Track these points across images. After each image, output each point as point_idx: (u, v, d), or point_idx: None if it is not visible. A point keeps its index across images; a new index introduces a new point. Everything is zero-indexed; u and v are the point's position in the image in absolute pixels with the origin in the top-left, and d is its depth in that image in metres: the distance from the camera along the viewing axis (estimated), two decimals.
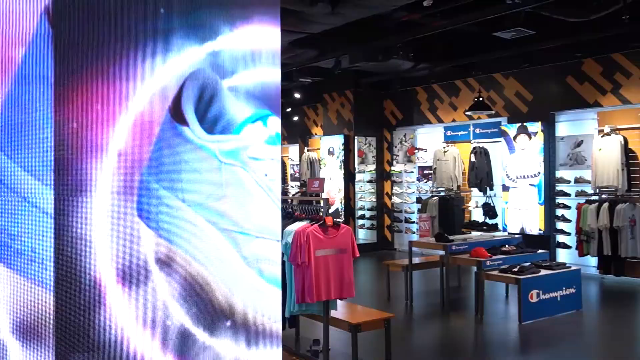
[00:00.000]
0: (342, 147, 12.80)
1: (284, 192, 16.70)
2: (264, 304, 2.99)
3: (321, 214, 4.95)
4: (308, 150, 15.11)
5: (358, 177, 12.99)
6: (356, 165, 12.91)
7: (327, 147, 13.23)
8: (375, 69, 11.33)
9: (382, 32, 8.88)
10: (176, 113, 2.67)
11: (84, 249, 2.48)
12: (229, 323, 2.86)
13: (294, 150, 17.37)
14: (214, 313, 2.83)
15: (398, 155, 12.88)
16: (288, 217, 5.21)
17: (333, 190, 13.02)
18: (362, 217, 13.06)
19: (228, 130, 2.84)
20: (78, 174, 2.46)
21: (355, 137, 12.83)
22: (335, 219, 4.88)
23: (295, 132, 16.91)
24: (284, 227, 4.95)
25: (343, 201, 12.79)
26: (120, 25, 2.56)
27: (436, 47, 10.16)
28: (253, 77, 2.94)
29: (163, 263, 2.65)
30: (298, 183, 16.19)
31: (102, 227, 2.51)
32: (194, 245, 2.72)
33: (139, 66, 2.60)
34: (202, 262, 2.74)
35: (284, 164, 17.78)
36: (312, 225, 4.80)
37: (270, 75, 3.01)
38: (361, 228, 13.11)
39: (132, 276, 2.57)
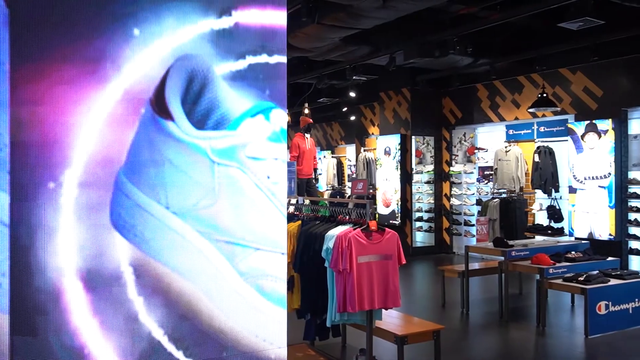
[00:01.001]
0: (399, 147, 12.42)
1: (341, 193, 16.45)
2: (266, 327, 2.57)
3: (365, 217, 4.65)
4: (365, 151, 14.79)
5: (415, 177, 12.57)
6: (413, 166, 12.50)
7: (384, 147, 12.87)
8: (433, 66, 10.90)
9: (437, 26, 8.48)
10: (159, 105, 2.32)
11: (45, 264, 2.15)
12: (224, 354, 2.49)
13: (351, 150, 17.10)
14: (205, 338, 2.46)
15: (457, 155, 12.38)
16: (330, 220, 4.94)
17: (389, 192, 12.67)
18: (420, 219, 12.64)
19: (222, 126, 2.47)
20: (38, 176, 2.14)
21: (413, 137, 12.42)
22: (379, 225, 4.58)
23: (351, 132, 16.63)
24: (325, 231, 4.70)
25: (399, 203, 12.41)
26: (89, 1, 2.24)
27: (496, 40, 9.65)
28: (253, 64, 2.56)
29: (142, 280, 2.29)
30: None
31: (67, 239, 2.17)
32: (180, 259, 2.36)
33: (113, 50, 2.27)
34: (191, 278, 2.37)
35: (341, 165, 17.54)
36: (354, 229, 4.52)
37: (275, 62, 2.63)
38: (418, 230, 12.68)
39: (104, 297, 2.23)
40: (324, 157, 18.33)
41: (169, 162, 2.38)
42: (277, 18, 2.71)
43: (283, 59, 2.67)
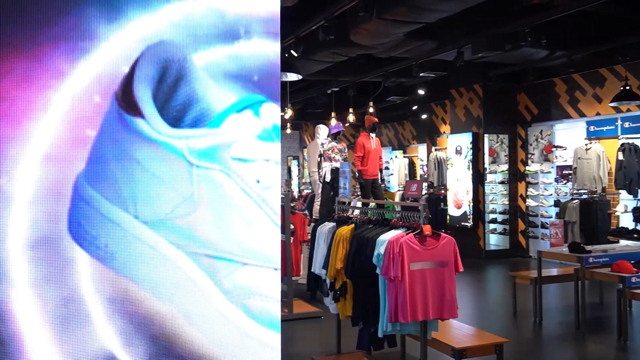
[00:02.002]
0: (471, 146, 11.90)
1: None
2: (256, 354, 2.21)
3: (419, 221, 4.35)
4: (436, 150, 14.33)
5: (489, 177, 12.01)
6: (487, 165, 11.95)
7: (454, 146, 12.39)
8: (505, 60, 10.33)
9: (507, 17, 7.99)
10: (126, 100, 2.05)
11: None
12: None
13: (423, 149, 16.66)
14: None
15: (533, 154, 11.72)
16: (384, 224, 4.67)
17: (461, 192, 12.17)
18: (494, 221, 12.06)
19: (202, 123, 2.16)
20: None
21: (485, 135, 11.87)
22: (434, 231, 4.27)
23: (423, 131, 16.19)
24: (377, 235, 4.44)
25: (471, 204, 11.89)
26: None
27: (573, 31, 9.01)
28: (240, 52, 2.21)
29: (107, 300, 2.01)
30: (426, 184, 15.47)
31: (19, 253, 1.91)
32: (152, 276, 2.06)
33: (72, 37, 2.01)
34: (165, 297, 2.07)
35: (413, 165, 17.13)
36: (407, 234, 4.24)
37: (266, 48, 2.26)
38: (492, 233, 12.11)
39: (63, 320, 1.96)
40: (396, 157, 17.98)
41: (138, 165, 2.12)
42: None
43: (276, 45, 2.31)
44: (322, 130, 10.49)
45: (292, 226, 6.96)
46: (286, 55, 7.34)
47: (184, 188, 2.18)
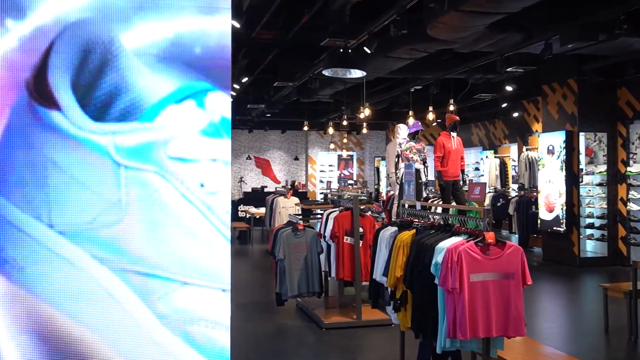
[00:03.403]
0: (564, 145, 11.08)
1: (504, 196, 15.25)
2: None
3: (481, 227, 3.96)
4: (527, 150, 13.53)
5: (585, 179, 11.14)
6: (582, 166, 11.09)
7: (546, 146, 11.59)
8: (601, 52, 9.49)
9: (599, 4, 7.29)
10: (39, 89, 1.77)
11: None
12: None
13: (515, 149, 15.83)
14: None
15: (636, 154, 10.72)
16: (446, 229, 4.31)
17: (553, 195, 11.37)
18: (590, 226, 11.17)
19: (132, 116, 1.84)
20: None
21: (581, 133, 11.01)
22: (499, 239, 3.86)
23: (514, 130, 15.37)
24: (437, 242, 4.08)
25: (564, 207, 11.07)
26: None
27: None
28: (181, 30, 1.86)
29: (15, 322, 1.70)
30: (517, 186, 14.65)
31: None
32: (70, 296, 1.76)
33: None
34: (86, 322, 1.76)
35: (504, 165, 16.31)
36: (468, 241, 3.86)
37: (213, 25, 1.90)
38: (588, 239, 11.22)
39: None
40: (486, 157, 17.22)
41: (54, 165, 1.83)
42: None
43: (225, 20, 1.95)
44: (402, 130, 10.14)
45: (361, 230, 6.69)
46: (341, 50, 7.07)
47: (109, 193, 1.88)
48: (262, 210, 14.19)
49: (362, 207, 6.88)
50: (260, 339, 6.38)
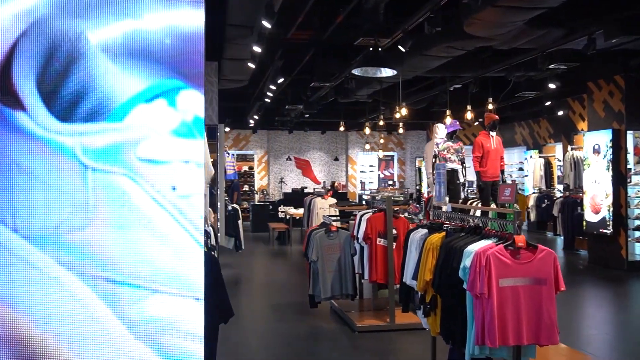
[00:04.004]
0: (610, 144, 10.67)
1: (549, 197, 14.83)
2: None
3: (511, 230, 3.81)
4: (572, 149, 13.11)
5: (634, 179, 10.70)
6: (630, 166, 10.65)
7: (592, 145, 11.19)
8: None
9: None
10: (3, 90, 1.71)
11: None
12: None
13: (560, 149, 15.39)
14: None
15: None
16: (476, 232, 4.17)
17: (599, 196, 10.97)
18: (639, 228, 10.72)
19: (100, 116, 1.75)
20: None
21: (629, 132, 10.58)
22: (530, 242, 3.70)
23: (559, 129, 14.94)
24: (466, 245, 3.95)
25: (611, 209, 10.66)
26: None
27: None
28: (151, 26, 1.77)
29: None
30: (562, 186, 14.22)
31: None
32: (35, 303, 1.69)
33: None
34: (52, 330, 1.68)
35: (549, 165, 15.87)
36: (497, 245, 3.72)
37: (185, 19, 1.81)
38: (637, 242, 10.76)
39: None
40: (530, 157, 16.82)
41: (18, 167, 1.75)
42: None
43: (198, 14, 1.85)
44: (440, 130, 9.96)
45: (394, 231, 6.57)
46: (371, 49, 6.95)
47: (76, 196, 1.79)
48: (301, 211, 14.16)
49: (395, 209, 6.75)
50: (293, 340, 6.33)
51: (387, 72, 7.22)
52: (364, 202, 8.82)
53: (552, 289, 3.68)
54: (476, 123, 15.88)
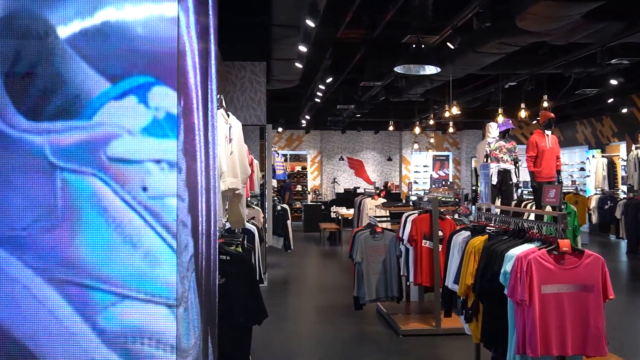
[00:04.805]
0: None
1: (612, 198, 14.18)
2: None
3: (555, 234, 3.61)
4: (636, 148, 12.49)
5: None
6: None
7: None
8: None
9: None
10: None
11: None
12: None
13: (624, 148, 14.72)
14: None
15: None
16: (520, 235, 3.98)
17: None
18: None
19: (68, 113, 1.71)
20: None
21: None
22: (575, 247, 3.49)
23: (623, 127, 14.27)
24: (508, 249, 3.77)
25: None
26: None
27: None
28: (121, 20, 1.72)
29: None
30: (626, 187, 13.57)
31: None
32: (1, 306, 1.63)
33: None
34: (19, 335, 1.61)
35: (613, 165, 15.19)
36: (540, 249, 3.53)
37: (156, 11, 1.76)
38: None
39: None
40: (593, 156, 16.15)
41: None
42: None
43: (170, 6, 1.78)
44: (492, 129, 9.65)
45: (440, 233, 6.39)
46: (414, 46, 6.77)
47: (43, 197, 1.74)
48: (352, 211, 14.06)
49: (442, 210, 6.57)
50: (336, 342, 6.26)
51: (430, 70, 7.03)
52: (410, 203, 8.63)
53: (600, 296, 3.46)
54: (534, 122, 15.36)
